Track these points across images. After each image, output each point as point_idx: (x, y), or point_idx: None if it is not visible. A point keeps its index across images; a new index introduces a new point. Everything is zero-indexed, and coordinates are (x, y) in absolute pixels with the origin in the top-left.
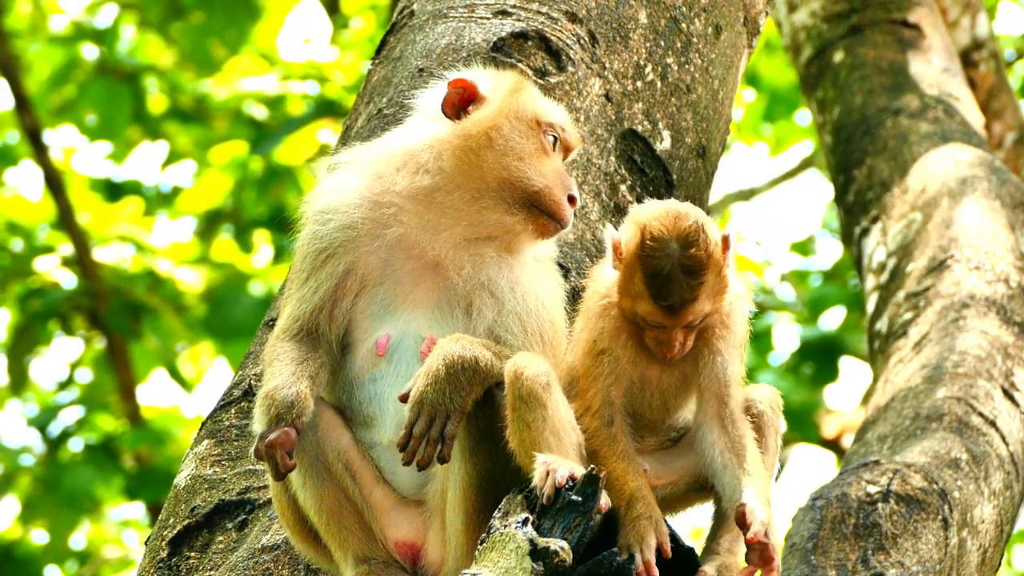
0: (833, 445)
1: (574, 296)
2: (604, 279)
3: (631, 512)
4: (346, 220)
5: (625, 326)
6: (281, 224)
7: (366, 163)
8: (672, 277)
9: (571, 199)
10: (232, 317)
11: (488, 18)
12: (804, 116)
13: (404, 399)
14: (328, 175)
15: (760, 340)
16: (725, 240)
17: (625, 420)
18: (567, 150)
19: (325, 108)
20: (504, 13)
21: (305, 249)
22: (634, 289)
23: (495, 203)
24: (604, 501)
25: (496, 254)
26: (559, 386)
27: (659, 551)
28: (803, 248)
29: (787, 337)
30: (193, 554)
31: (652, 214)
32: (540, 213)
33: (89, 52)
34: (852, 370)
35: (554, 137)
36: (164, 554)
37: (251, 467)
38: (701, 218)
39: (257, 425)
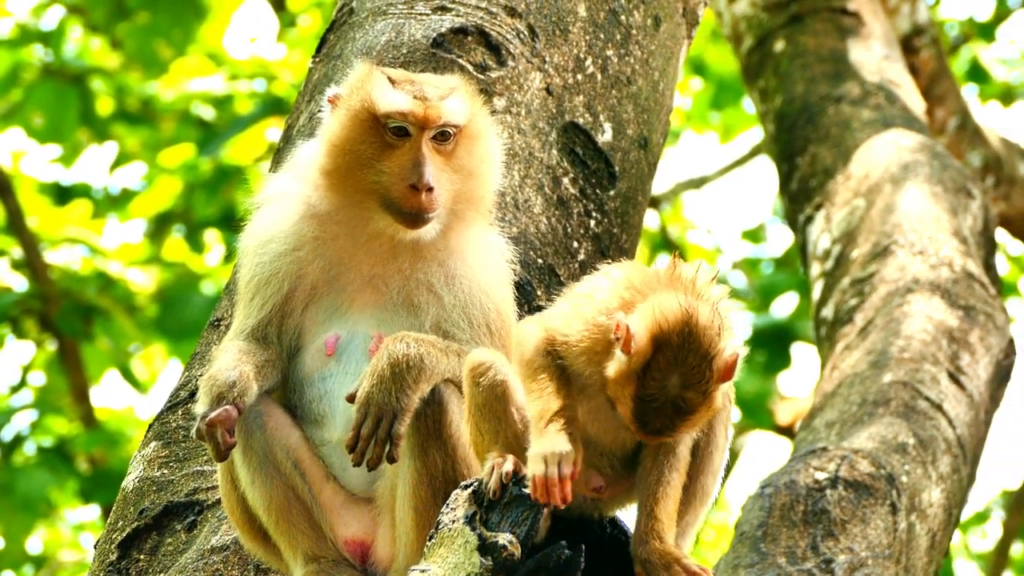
0: (787, 432)
1: (518, 289)
2: (590, 333)
3: (545, 426)
4: (284, 247)
5: (599, 391)
6: (232, 223)
7: (292, 192)
8: (660, 411)
9: (413, 187)
10: (184, 317)
11: (427, 14)
12: (751, 104)
13: (351, 399)
14: (258, 212)
15: None
16: (729, 370)
17: (564, 384)
18: (423, 127)
19: (273, 106)
20: (443, 9)
21: (247, 276)
22: (622, 392)
23: (370, 212)
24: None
25: (425, 251)
26: (518, 388)
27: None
28: (754, 236)
29: (739, 325)
30: (143, 557)
31: (671, 330)
32: (396, 211)
33: (35, 55)
34: (805, 357)
35: (398, 125)
36: (114, 557)
37: (199, 468)
38: (714, 348)
39: (199, 407)
